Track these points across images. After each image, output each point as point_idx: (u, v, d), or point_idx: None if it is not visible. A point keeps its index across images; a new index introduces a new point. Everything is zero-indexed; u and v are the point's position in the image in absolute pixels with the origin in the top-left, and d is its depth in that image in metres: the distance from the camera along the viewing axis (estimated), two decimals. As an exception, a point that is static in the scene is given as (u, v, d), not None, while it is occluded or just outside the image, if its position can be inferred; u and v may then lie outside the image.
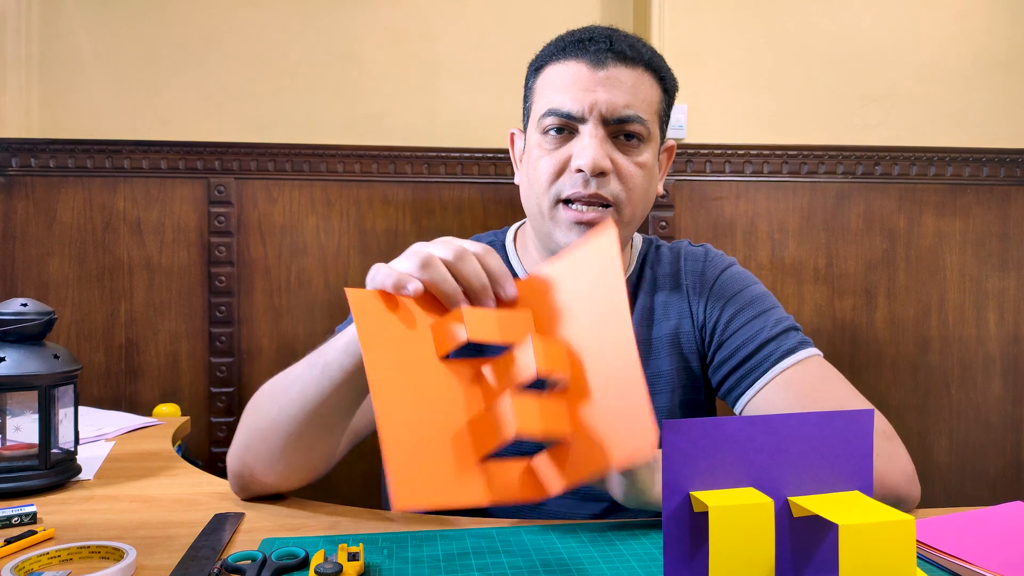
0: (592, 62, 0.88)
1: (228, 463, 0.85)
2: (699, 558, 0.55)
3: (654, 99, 0.91)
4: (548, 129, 0.89)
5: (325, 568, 0.59)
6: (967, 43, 2.34)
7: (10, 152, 2.09)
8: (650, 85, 0.90)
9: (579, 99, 0.87)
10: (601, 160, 0.86)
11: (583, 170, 0.86)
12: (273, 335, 2.17)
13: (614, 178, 0.88)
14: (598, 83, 0.87)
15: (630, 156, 0.89)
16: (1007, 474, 2.35)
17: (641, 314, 0.96)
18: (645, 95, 0.89)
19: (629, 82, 0.88)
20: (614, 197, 0.88)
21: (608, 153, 0.87)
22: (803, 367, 0.89)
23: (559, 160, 0.89)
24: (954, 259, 2.34)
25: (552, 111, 0.89)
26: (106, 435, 1.19)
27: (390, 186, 2.22)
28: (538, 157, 0.91)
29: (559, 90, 0.89)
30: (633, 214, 0.91)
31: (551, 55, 0.93)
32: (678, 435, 0.54)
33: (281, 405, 0.77)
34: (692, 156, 2.24)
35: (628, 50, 0.89)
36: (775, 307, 0.95)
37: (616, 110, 0.87)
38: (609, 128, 0.88)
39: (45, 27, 2.13)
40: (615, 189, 0.88)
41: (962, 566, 0.63)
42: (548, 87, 0.91)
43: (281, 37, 2.20)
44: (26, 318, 0.86)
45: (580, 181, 0.87)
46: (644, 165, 0.90)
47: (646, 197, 0.92)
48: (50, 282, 2.12)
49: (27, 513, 0.75)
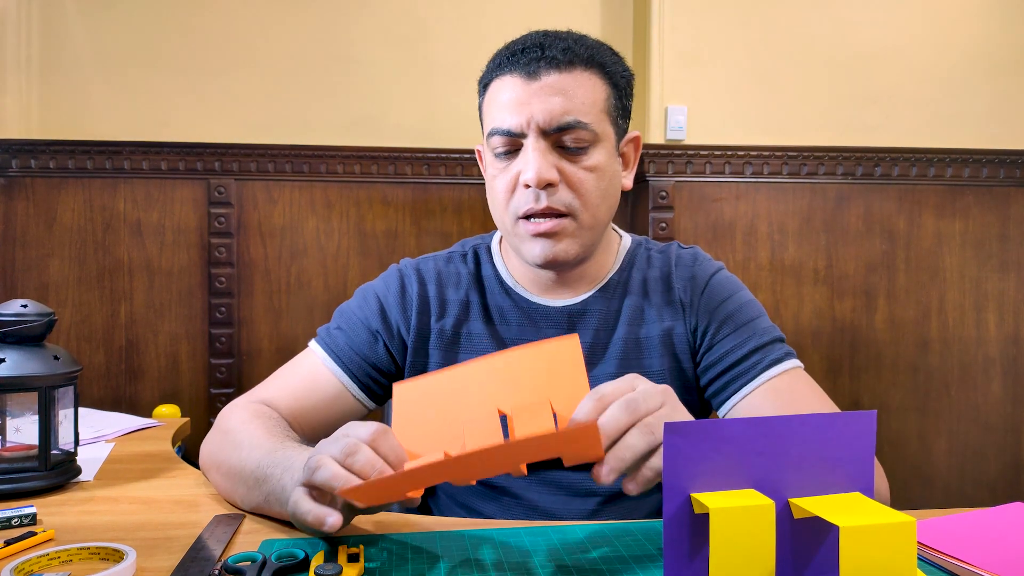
0: (525, 74, 0.87)
1: (200, 459, 0.90)
2: (699, 559, 0.54)
3: (598, 98, 0.89)
4: (495, 148, 0.90)
5: (325, 570, 0.59)
6: (967, 45, 2.34)
7: (10, 153, 2.09)
8: (591, 85, 0.88)
9: (516, 114, 0.86)
10: (545, 172, 0.85)
11: (530, 185, 0.86)
12: (273, 336, 2.17)
13: (564, 187, 0.87)
14: (532, 95, 0.86)
15: (578, 162, 0.88)
16: (1007, 475, 2.35)
17: (631, 314, 0.96)
18: (585, 97, 0.87)
19: (565, 87, 0.86)
20: (567, 207, 0.88)
21: (554, 163, 0.87)
22: (789, 377, 0.91)
23: (510, 178, 0.89)
24: (954, 260, 2.35)
25: (494, 130, 0.89)
26: (106, 436, 1.19)
27: (390, 187, 2.22)
28: (492, 177, 0.92)
29: (500, 108, 0.88)
30: (594, 217, 0.90)
31: (492, 71, 0.92)
32: (679, 437, 0.54)
33: (232, 481, 0.80)
34: (692, 157, 2.24)
35: (561, 54, 0.87)
36: (762, 315, 0.97)
37: (553, 119, 0.86)
38: (550, 138, 0.87)
39: (45, 29, 2.13)
40: (566, 199, 0.88)
41: (962, 567, 0.63)
42: (492, 105, 0.91)
43: (281, 39, 2.20)
44: (26, 319, 0.86)
45: (531, 196, 0.87)
46: (595, 168, 0.89)
47: (605, 198, 0.91)
48: (50, 283, 2.12)
49: (27, 514, 0.74)
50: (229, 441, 0.84)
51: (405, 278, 0.99)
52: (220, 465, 0.84)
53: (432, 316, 0.97)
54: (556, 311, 0.96)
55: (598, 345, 0.95)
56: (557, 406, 0.66)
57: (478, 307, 0.97)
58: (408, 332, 0.97)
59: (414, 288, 0.98)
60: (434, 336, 0.97)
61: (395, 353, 0.97)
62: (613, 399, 0.63)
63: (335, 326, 0.98)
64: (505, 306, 0.97)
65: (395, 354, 0.97)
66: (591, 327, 0.96)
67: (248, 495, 0.77)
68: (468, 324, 0.97)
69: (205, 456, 0.88)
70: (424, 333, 0.97)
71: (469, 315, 0.97)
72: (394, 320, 0.97)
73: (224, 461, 0.83)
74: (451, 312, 0.97)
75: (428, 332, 0.97)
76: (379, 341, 0.96)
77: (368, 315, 0.97)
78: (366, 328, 0.96)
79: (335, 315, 1.00)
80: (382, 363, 0.96)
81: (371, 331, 0.96)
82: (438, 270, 1.00)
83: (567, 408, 0.65)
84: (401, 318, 0.97)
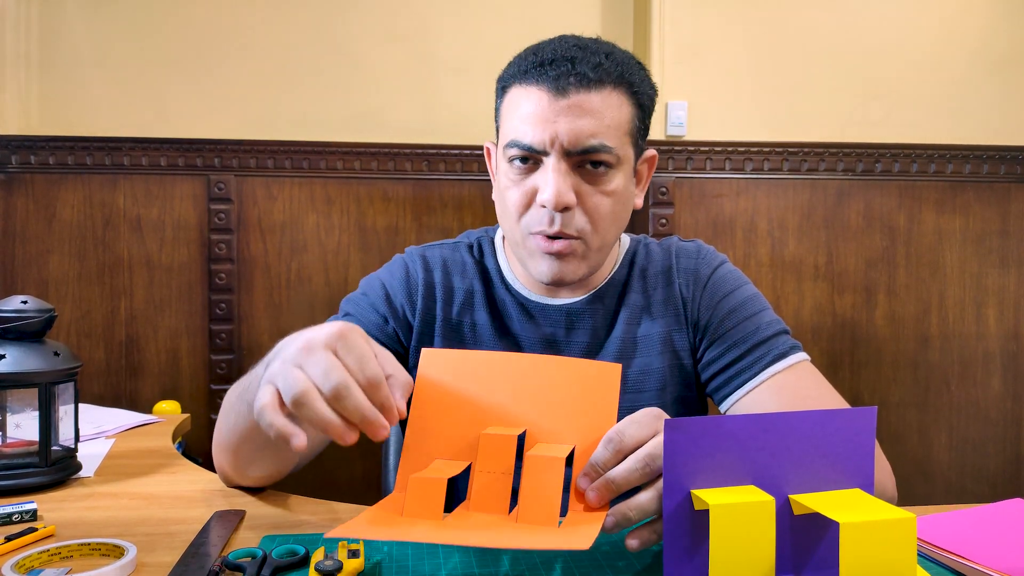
0: (553, 89, 0.83)
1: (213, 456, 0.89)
2: (699, 556, 0.55)
3: (624, 120, 0.86)
4: (513, 159, 0.87)
5: (325, 565, 0.59)
6: (967, 40, 2.33)
7: (10, 149, 2.09)
8: (619, 105, 0.86)
9: (540, 131, 0.83)
10: (564, 195, 0.83)
11: (546, 206, 0.84)
12: (273, 332, 2.17)
13: (579, 212, 0.86)
14: (559, 113, 0.83)
15: (598, 186, 0.86)
16: (1007, 470, 2.36)
17: (630, 313, 0.96)
18: (612, 119, 0.85)
19: (594, 108, 0.83)
20: (579, 230, 0.86)
21: (574, 186, 0.85)
22: (793, 371, 0.90)
23: (525, 193, 0.87)
24: (954, 256, 2.34)
25: (514, 143, 0.86)
26: (106, 432, 1.19)
27: (390, 183, 2.22)
28: (506, 187, 0.89)
29: (522, 120, 0.85)
30: (603, 240, 0.89)
31: (514, 76, 0.88)
32: (679, 433, 0.54)
33: (230, 424, 0.79)
34: (692, 153, 2.23)
35: (591, 72, 0.83)
36: (766, 309, 0.96)
37: (579, 141, 0.83)
38: (572, 159, 0.85)
39: (45, 24, 2.13)
40: (580, 223, 0.86)
41: (962, 563, 0.63)
42: (512, 114, 0.88)
43: (281, 34, 2.20)
44: (26, 315, 0.86)
45: (546, 218, 0.85)
46: (613, 193, 0.87)
47: (617, 222, 0.90)
48: (50, 279, 2.12)
49: (27, 510, 0.75)
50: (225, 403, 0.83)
51: (410, 265, 0.99)
52: (219, 431, 0.83)
53: (438, 302, 0.97)
54: (555, 309, 0.96)
55: (595, 344, 0.95)
56: (579, 430, 0.65)
57: (482, 297, 0.97)
58: (414, 316, 0.96)
59: (419, 275, 0.98)
60: (439, 323, 0.96)
61: (402, 336, 0.96)
62: (633, 446, 0.61)
63: (343, 313, 0.97)
64: (506, 300, 0.97)
65: (402, 337, 0.96)
66: (589, 326, 0.95)
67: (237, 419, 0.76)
68: (473, 314, 0.97)
69: (214, 446, 0.87)
70: (429, 319, 0.97)
71: (474, 305, 0.97)
72: (399, 304, 0.96)
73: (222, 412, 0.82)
74: (456, 300, 0.97)
75: (433, 318, 0.97)
76: (388, 324, 0.96)
77: (375, 300, 0.97)
78: (375, 311, 0.96)
79: (342, 305, 0.99)
80: (392, 344, 0.95)
81: (379, 314, 0.96)
82: (444, 258, 1.00)
83: (587, 434, 0.65)
84: (407, 303, 0.97)
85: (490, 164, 0.99)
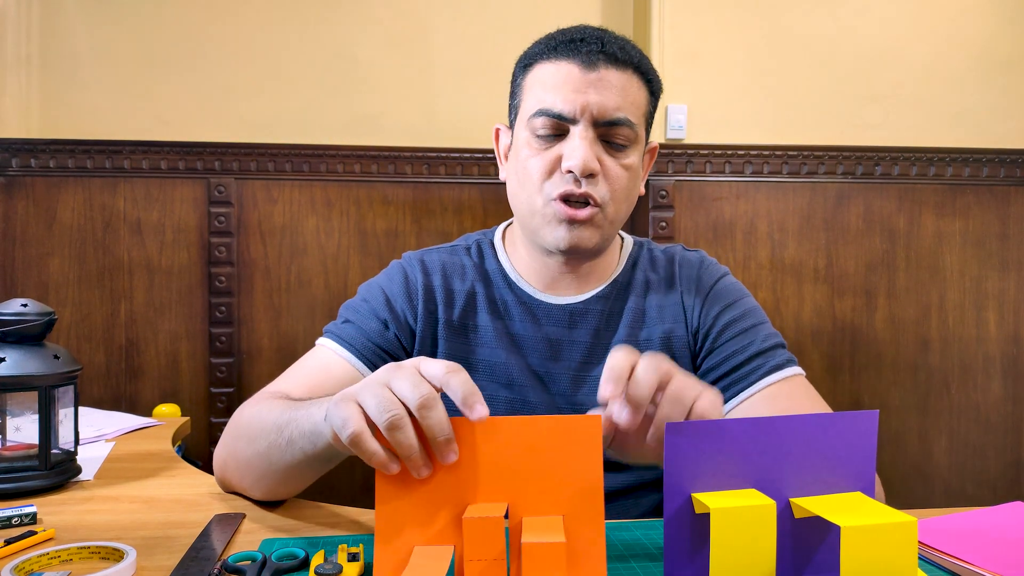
0: (584, 63, 0.88)
1: (214, 463, 0.88)
2: (700, 559, 0.54)
3: (642, 102, 0.92)
4: (537, 129, 0.90)
5: (325, 569, 0.59)
6: (967, 43, 2.34)
7: (10, 152, 2.09)
8: (638, 88, 0.91)
9: (570, 100, 0.87)
10: (591, 162, 0.87)
11: (573, 171, 0.87)
12: (273, 335, 2.17)
13: (601, 179, 0.89)
14: (589, 85, 0.88)
15: (618, 158, 0.90)
16: (1007, 474, 2.35)
17: (632, 316, 0.96)
18: (634, 98, 0.90)
19: (619, 84, 0.89)
20: (601, 198, 0.89)
21: (597, 155, 0.89)
22: (788, 384, 0.91)
23: (549, 160, 0.90)
24: (954, 259, 2.34)
25: (543, 111, 0.89)
26: (106, 435, 1.19)
27: (390, 186, 2.22)
28: (527, 156, 0.91)
29: (550, 90, 0.89)
30: (616, 213, 0.92)
31: (541, 53, 0.93)
32: (680, 437, 0.54)
33: (256, 449, 0.78)
34: (692, 156, 2.24)
35: (619, 52, 0.90)
36: (765, 322, 0.98)
37: (607, 112, 0.88)
38: (598, 130, 0.89)
39: (45, 27, 2.13)
40: (602, 191, 0.89)
41: (963, 567, 0.63)
42: (538, 86, 0.91)
43: (281, 37, 2.20)
44: (26, 318, 0.86)
45: (571, 181, 0.88)
46: (630, 167, 0.91)
47: (629, 198, 0.94)
48: (50, 282, 2.12)
49: (27, 513, 0.74)
50: (246, 424, 0.82)
51: (408, 270, 1.00)
52: (237, 451, 0.82)
53: (439, 305, 0.97)
54: (558, 308, 0.96)
55: (597, 346, 0.95)
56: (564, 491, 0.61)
57: (484, 299, 0.97)
58: (415, 320, 0.96)
59: (419, 278, 0.98)
60: (441, 326, 0.96)
61: (404, 341, 0.96)
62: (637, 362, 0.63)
63: (342, 320, 0.97)
64: (508, 300, 0.97)
65: (404, 342, 0.96)
66: (591, 327, 0.96)
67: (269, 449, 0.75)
68: (475, 316, 0.97)
69: (220, 456, 0.86)
70: (431, 322, 0.97)
71: (476, 307, 0.97)
72: (400, 309, 0.96)
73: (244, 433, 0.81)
74: (457, 303, 0.97)
75: (435, 321, 0.97)
76: (389, 329, 0.95)
77: (376, 306, 0.97)
78: (375, 317, 0.96)
79: (341, 311, 0.99)
80: (393, 349, 0.95)
81: (380, 320, 0.96)
82: (443, 261, 1.00)
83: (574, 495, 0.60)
84: (407, 307, 0.97)
85: (498, 148, 1.00)
